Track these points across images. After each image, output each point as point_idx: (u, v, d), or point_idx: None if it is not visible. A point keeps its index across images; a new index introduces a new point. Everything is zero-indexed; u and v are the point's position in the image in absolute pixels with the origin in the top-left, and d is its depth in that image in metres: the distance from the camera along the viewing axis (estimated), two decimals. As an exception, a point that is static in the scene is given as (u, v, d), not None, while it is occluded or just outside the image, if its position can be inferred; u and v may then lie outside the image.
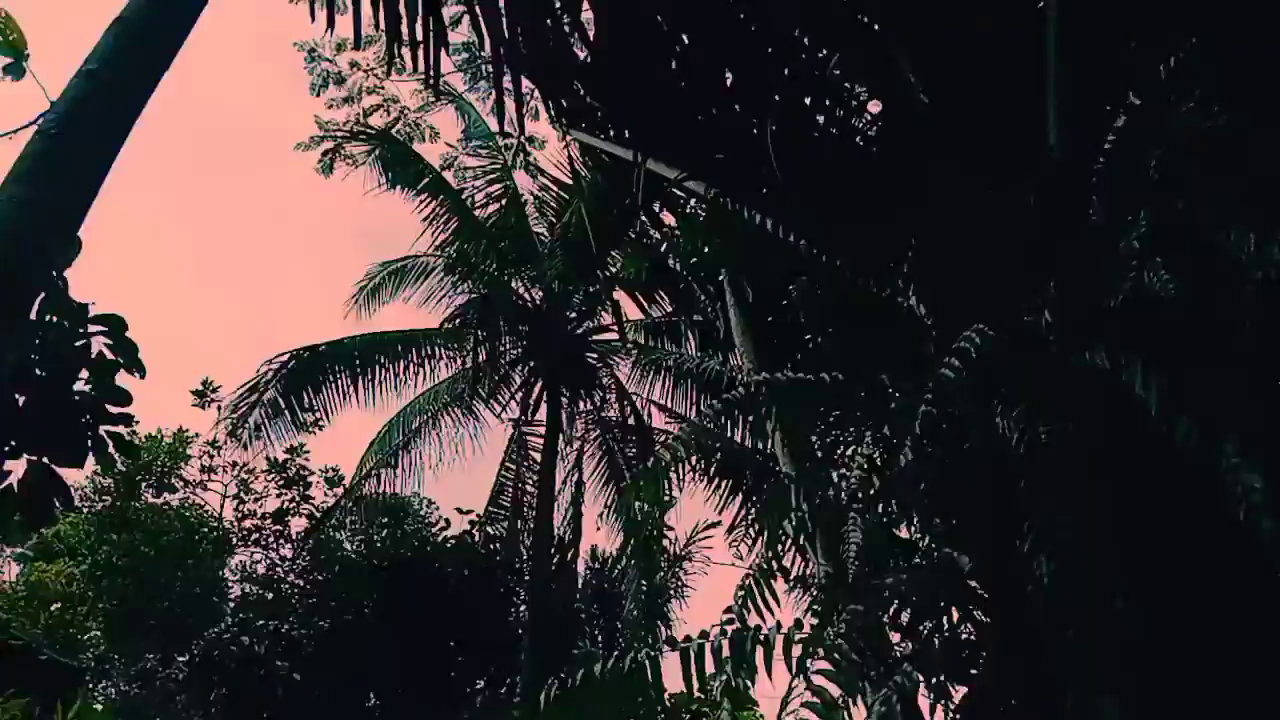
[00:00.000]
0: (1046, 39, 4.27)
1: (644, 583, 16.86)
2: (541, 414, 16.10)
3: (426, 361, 15.65)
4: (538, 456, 15.94)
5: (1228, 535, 2.75)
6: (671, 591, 17.61)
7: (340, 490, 18.99)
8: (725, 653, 3.63)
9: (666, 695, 19.46)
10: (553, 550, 15.82)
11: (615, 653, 3.43)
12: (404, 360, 15.51)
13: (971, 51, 4.74)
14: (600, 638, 18.39)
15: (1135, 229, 3.03)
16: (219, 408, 17.02)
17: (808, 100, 5.75)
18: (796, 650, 3.54)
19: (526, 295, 16.30)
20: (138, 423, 4.77)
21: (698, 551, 17.49)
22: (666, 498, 16.73)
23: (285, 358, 14.96)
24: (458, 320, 14.54)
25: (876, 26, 5.29)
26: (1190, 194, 3.34)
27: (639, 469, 4.36)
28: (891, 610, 3.25)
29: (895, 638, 3.58)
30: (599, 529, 16.87)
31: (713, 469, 13.47)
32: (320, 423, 15.80)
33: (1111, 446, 3.09)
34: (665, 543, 16.63)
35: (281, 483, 19.73)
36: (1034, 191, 3.93)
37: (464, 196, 16.11)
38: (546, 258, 15.52)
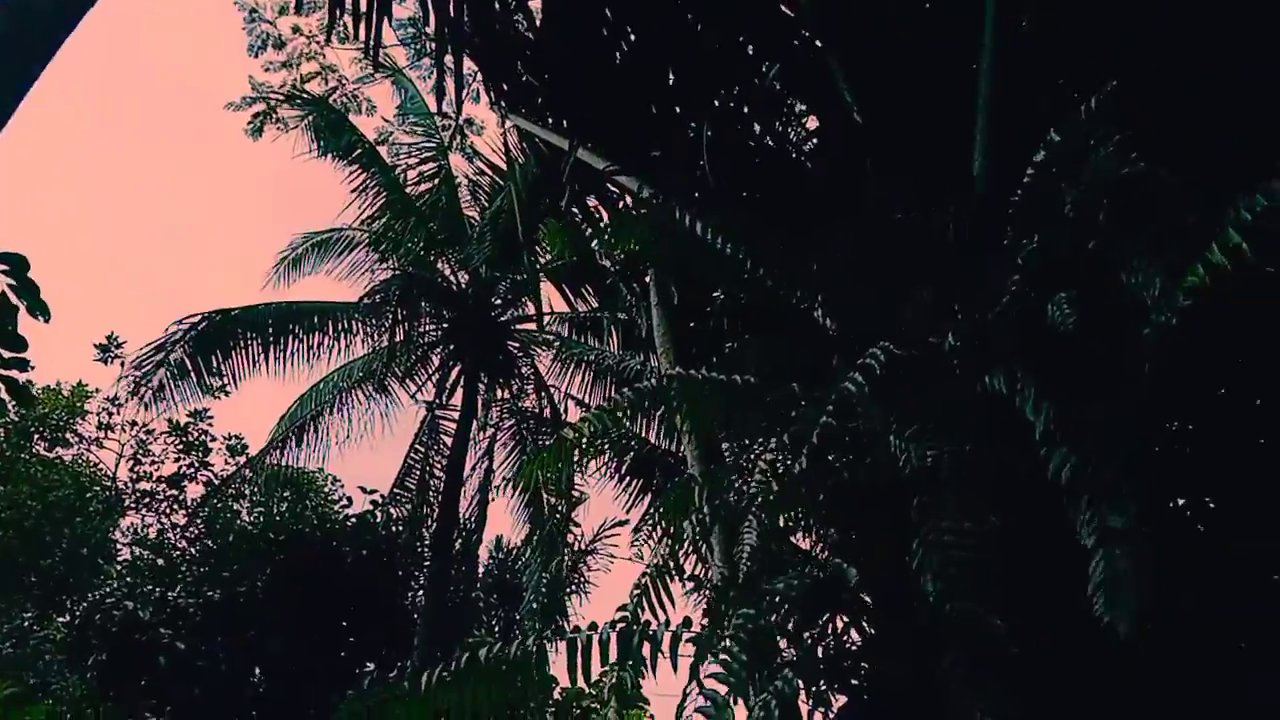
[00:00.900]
0: (980, 69, 4.37)
1: (545, 575, 16.80)
2: (457, 399, 15.96)
3: (343, 336, 15.37)
4: (449, 441, 15.78)
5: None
6: (573, 587, 17.58)
7: (242, 459, 18.54)
8: (613, 648, 3.64)
9: (558, 690, 19.48)
10: (456, 537, 15.66)
11: (502, 640, 3.41)
12: (319, 333, 15.21)
13: (907, 75, 4.84)
14: (498, 628, 18.30)
15: (1042, 261, 3.11)
16: (122, 364, 16.48)
17: (746, 108, 5.80)
18: (685, 649, 3.56)
19: (452, 278, 16.14)
20: (33, 368, 4.57)
21: (603, 549, 17.52)
22: (577, 494, 16.76)
23: (196, 319, 14.55)
24: (377, 296, 14.31)
25: (818, 43, 5.36)
26: (1102, 234, 3.45)
27: (540, 448, 4.32)
28: (780, 616, 3.28)
29: (784, 644, 3.62)
30: (511, 518, 16.80)
31: (624, 467, 13.56)
32: (226, 388, 15.41)
33: (1002, 470, 3.17)
34: (571, 538, 16.60)
35: (181, 447, 19.19)
36: (953, 218, 4.01)
37: (396, 173, 15.89)
38: (475, 242, 15.38)
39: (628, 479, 13.70)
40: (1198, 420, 3.45)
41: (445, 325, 15.88)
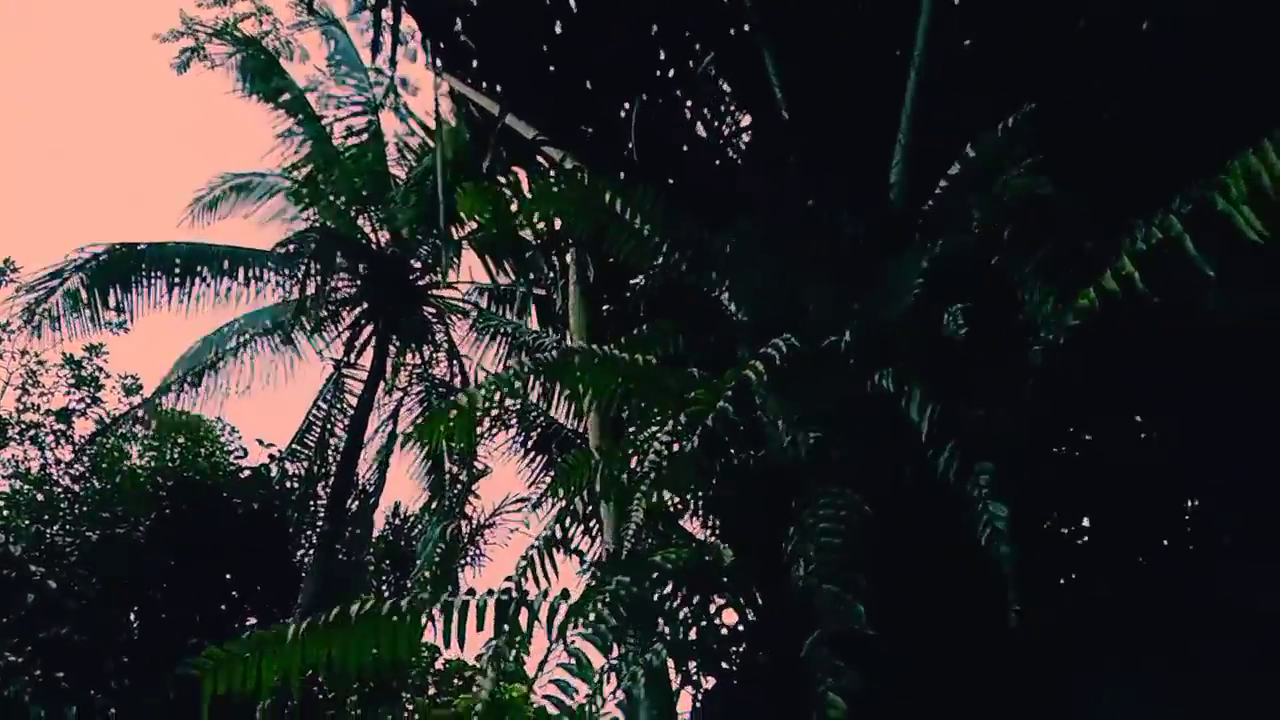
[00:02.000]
0: (909, 81, 4.46)
1: (441, 545, 16.68)
2: (366, 359, 15.68)
3: (253, 283, 14.95)
4: (353, 401, 15.50)
5: (971, 566, 2.93)
6: (468, 559, 17.48)
7: (136, 400, 17.95)
8: (490, 616, 3.63)
9: (441, 661, 19.37)
10: (352, 499, 15.42)
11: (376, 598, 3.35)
12: (229, 278, 14.77)
13: (838, 79, 4.90)
14: (388, 594, 18.07)
15: (945, 271, 3.19)
16: (16, 289, 15.77)
17: (680, 93, 5.82)
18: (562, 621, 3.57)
19: (373, 236, 15.84)
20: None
21: (505, 524, 17.44)
22: (480, 466, 16.64)
23: (99, 249, 14.00)
24: (292, 246, 13.96)
25: (755, 37, 5.39)
26: (1004, 251, 3.56)
27: (438, 407, 4.22)
28: (659, 592, 3.31)
29: (661, 622, 3.66)
30: (412, 485, 16.61)
31: (530, 443, 13.51)
32: (125, 325, 14.88)
33: (887, 467, 3.25)
34: (471, 510, 16.50)
35: (73, 380, 18.48)
36: (866, 222, 4.09)
37: (324, 123, 15.52)
38: (400, 201, 15.12)
39: (533, 455, 13.64)
40: (1075, 439, 3.58)
41: (360, 283, 15.58)
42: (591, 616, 2.76)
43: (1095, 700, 2.92)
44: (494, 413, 13.28)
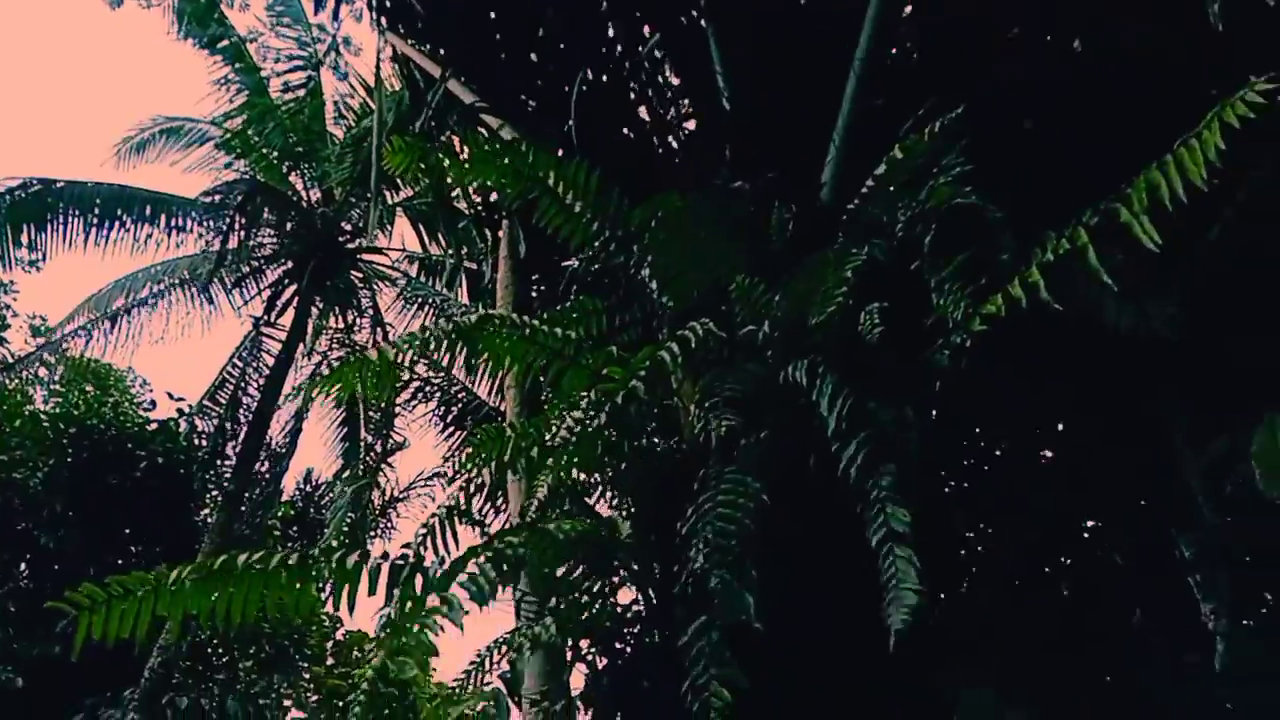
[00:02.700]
0: (851, 76, 4.49)
1: (351, 515, 16.42)
2: (286, 319, 15.32)
3: (175, 232, 14.52)
4: (270, 361, 15.15)
5: (863, 565, 2.97)
6: (377, 531, 17.24)
7: (43, 341, 17.31)
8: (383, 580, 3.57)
9: (341, 632, 19.08)
10: (261, 461, 15.10)
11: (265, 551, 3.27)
12: (150, 224, 14.30)
13: (781, 73, 4.92)
14: (290, 559, 17.68)
15: (865, 269, 3.23)
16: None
17: (626, 71, 5.78)
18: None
19: (304, 193, 15.48)
20: None
21: (417, 498, 17.21)
22: (400, 438, 16.41)
23: (13, 182, 13.45)
24: (218, 196, 13.57)
25: (702, 23, 5.38)
26: (924, 255, 3.61)
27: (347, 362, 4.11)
28: (554, 566, 3.30)
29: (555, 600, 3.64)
30: (325, 452, 16.30)
31: (450, 417, 13.36)
32: (38, 263, 14.35)
33: (793, 459, 3.28)
34: (385, 481, 16.28)
35: (-24, 317, 17.77)
36: (795, 216, 4.12)
37: (263, 75, 15.12)
38: (334, 161, 14.80)
39: (452, 430, 13.50)
40: (979, 441, 3.66)
41: (287, 240, 15.22)
42: (473, 570, 2.73)
43: (959, 697, 2.98)
44: (414, 384, 13.13)
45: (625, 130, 6.24)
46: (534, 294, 7.58)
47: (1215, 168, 2.79)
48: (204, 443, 15.87)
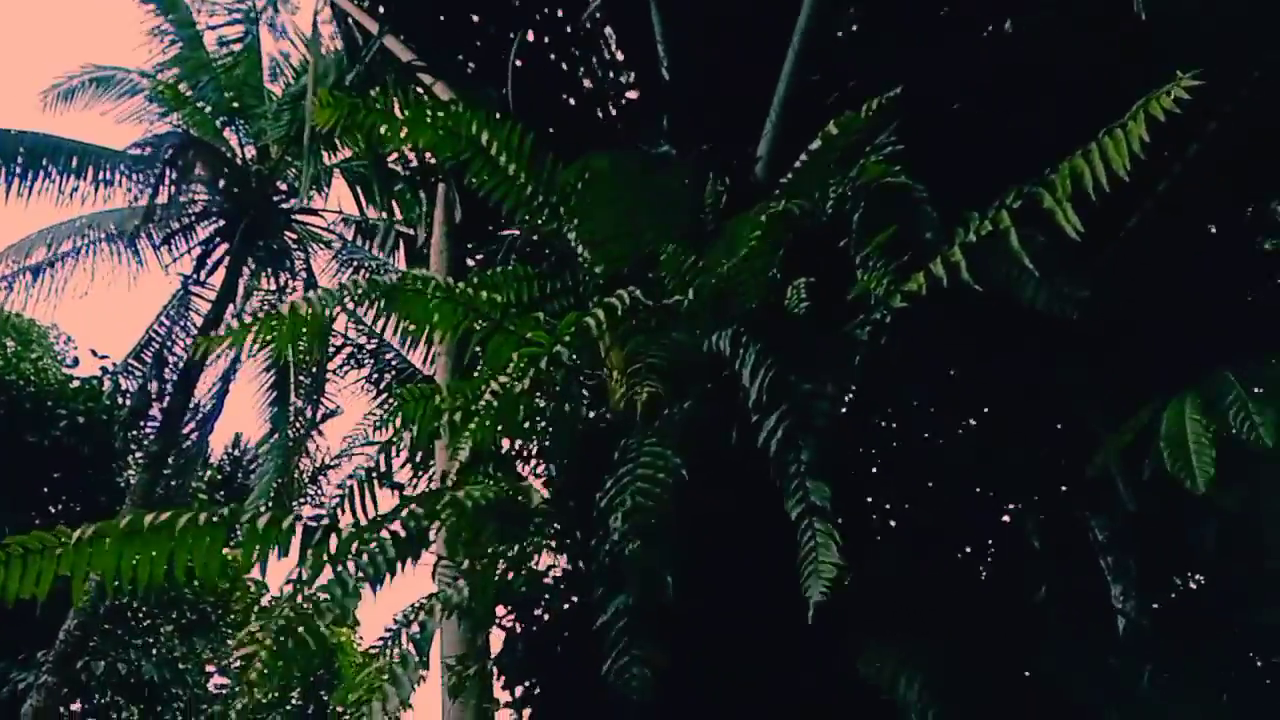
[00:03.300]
0: (789, 53, 4.49)
1: (278, 480, 16.16)
2: (217, 279, 14.95)
3: (102, 185, 14.05)
4: (198, 321, 14.78)
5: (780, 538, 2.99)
6: (305, 499, 17.00)
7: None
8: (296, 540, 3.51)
9: (268, 598, 18.81)
10: (186, 423, 14.76)
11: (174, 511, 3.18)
12: (76, 176, 13.82)
13: (721, 47, 4.90)
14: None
15: (775, 214, 3.22)
16: None
17: (567, 35, 5.72)
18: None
19: (238, 150, 15.09)
20: None
21: (349, 466, 16.98)
22: (333, 406, 16.14)
23: (-69, 127, 12.91)
24: (148, 148, 13.15)
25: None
26: (852, 232, 3.64)
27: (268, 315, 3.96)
28: (469, 532, 3.27)
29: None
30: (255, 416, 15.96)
31: (383, 383, 13.18)
32: (-46, 212, 13.79)
33: (714, 430, 3.28)
34: (314, 448, 16.05)
35: (-112, 266, 17.03)
36: (728, 189, 4.12)
37: (198, 28, 14.67)
38: (271, 119, 14.44)
39: (385, 397, 13.30)
40: (897, 417, 3.70)
41: (219, 197, 14.84)
42: (372, 545, 2.69)
43: (863, 651, 3.02)
44: (347, 349, 12.93)
45: (565, 97, 6.18)
46: (472, 263, 7.50)
47: (1138, 159, 2.84)
48: (128, 402, 15.48)
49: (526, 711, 3.80)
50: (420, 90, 6.66)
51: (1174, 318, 4.58)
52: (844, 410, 3.28)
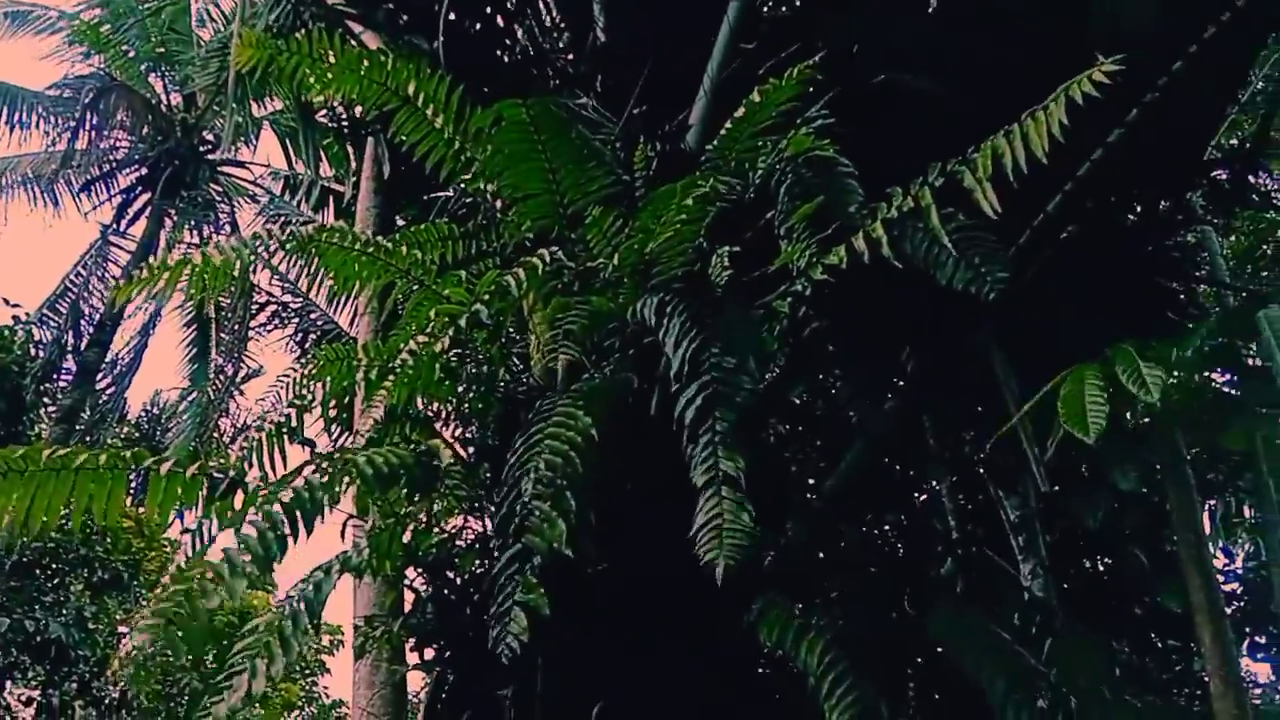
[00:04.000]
0: (723, 22, 4.45)
1: (196, 440, 15.78)
2: (138, 229, 14.49)
3: (17, 126, 13.48)
4: (117, 272, 14.31)
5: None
6: (223, 460, 16.59)
7: None
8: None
9: (181, 556, 18.43)
10: (101, 376, 14.32)
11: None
12: (-11, 116, 13.25)
13: (657, 8, 4.83)
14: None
15: (703, 196, 3.20)
16: None
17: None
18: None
19: (164, 97, 14.59)
20: None
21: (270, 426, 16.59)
22: (257, 365, 15.77)
23: None
24: (67, 91, 12.64)
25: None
26: (777, 203, 3.64)
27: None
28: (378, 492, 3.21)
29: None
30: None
31: (308, 341, 12.91)
32: None
33: (633, 396, 3.26)
34: (235, 408, 15.69)
35: None
36: (658, 155, 4.08)
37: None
38: (200, 64, 13.96)
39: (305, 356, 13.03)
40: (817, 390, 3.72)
41: (143, 145, 14.34)
42: (275, 506, 2.62)
43: (763, 613, 3.03)
44: (271, 307, 12.63)
45: (499, 54, 6.06)
46: (403, 223, 7.36)
47: (1059, 142, 2.88)
48: (41, 354, 14.96)
49: (436, 673, 3.77)
50: (349, 39, 6.49)
51: (1089, 302, 4.68)
52: (764, 384, 3.28)
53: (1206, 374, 3.36)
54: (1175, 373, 2.93)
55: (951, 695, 3.37)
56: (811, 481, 4.13)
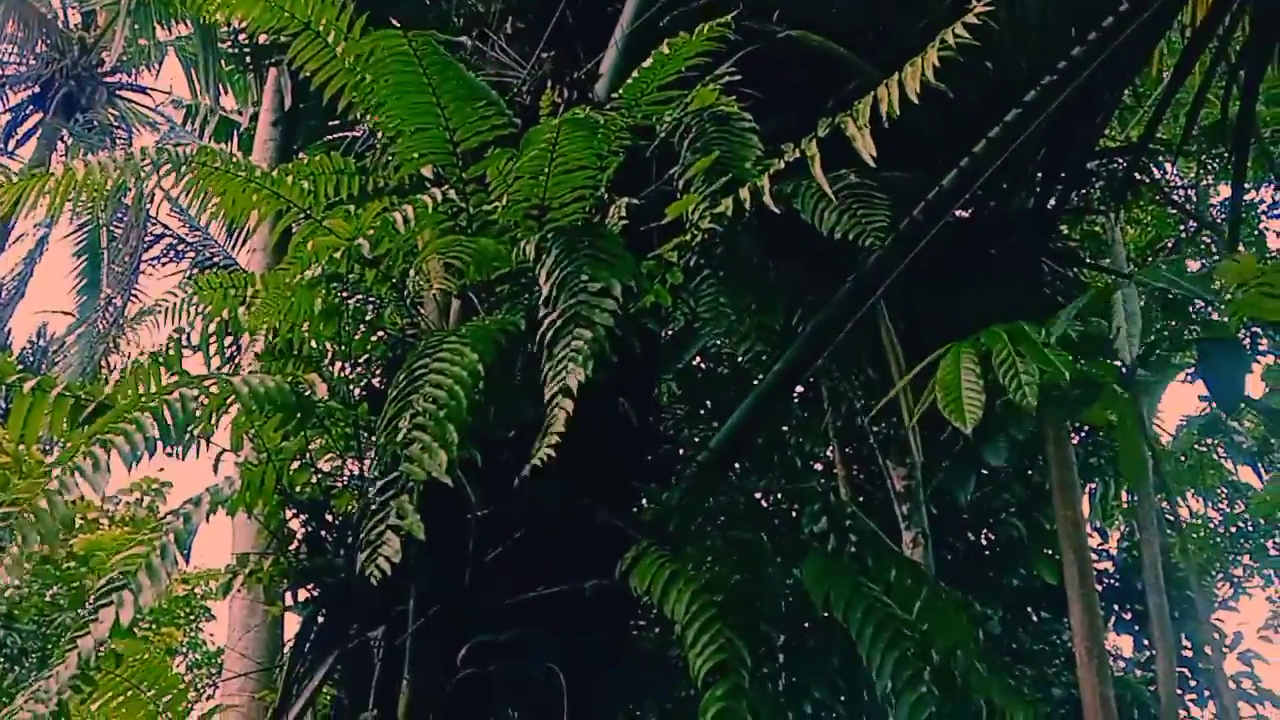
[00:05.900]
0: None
1: (83, 376, 15.20)
2: (27, 150, 13.80)
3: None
4: (3, 194, 13.61)
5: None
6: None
7: None
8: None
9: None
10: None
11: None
12: None
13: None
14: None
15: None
16: None
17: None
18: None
19: (60, 13, 13.86)
20: None
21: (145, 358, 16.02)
22: (149, 299, 15.20)
23: None
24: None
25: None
26: (679, 158, 3.63)
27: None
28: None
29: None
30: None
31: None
32: None
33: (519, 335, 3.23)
34: (126, 344, 15.11)
35: None
36: (566, 102, 4.02)
37: None
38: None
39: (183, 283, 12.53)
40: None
41: (36, 61, 13.61)
42: (127, 425, 2.52)
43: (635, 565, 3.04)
44: (165, 239, 12.17)
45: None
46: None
47: (937, 90, 2.91)
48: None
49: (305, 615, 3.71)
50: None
51: (981, 283, 4.80)
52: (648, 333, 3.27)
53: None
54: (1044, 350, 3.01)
55: (822, 645, 3.45)
56: (697, 441, 4.16)
